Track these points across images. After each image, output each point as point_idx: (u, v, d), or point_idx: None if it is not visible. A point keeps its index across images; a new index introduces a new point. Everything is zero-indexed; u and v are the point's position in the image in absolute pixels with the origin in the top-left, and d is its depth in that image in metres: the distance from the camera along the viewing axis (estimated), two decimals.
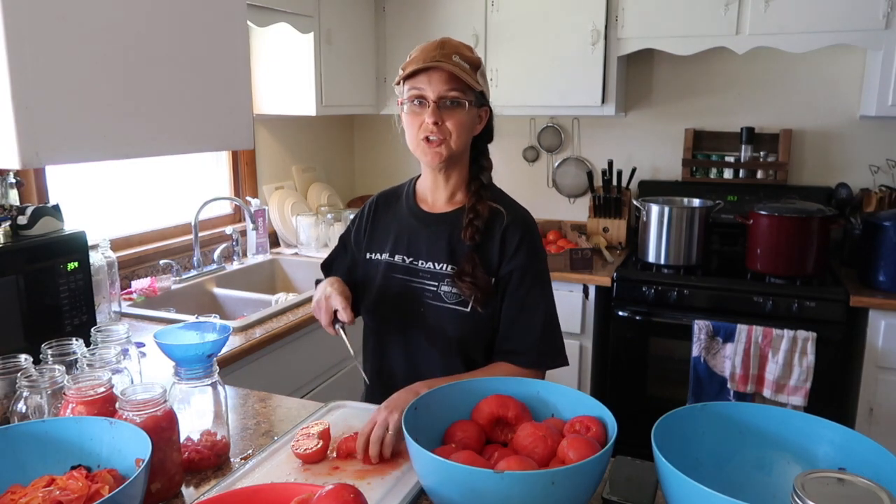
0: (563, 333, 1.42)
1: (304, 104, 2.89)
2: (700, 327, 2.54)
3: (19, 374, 1.13)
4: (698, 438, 1.01)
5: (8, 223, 1.60)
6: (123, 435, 0.99)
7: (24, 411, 1.11)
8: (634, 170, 3.19)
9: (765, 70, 3.05)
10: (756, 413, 1.02)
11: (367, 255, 1.48)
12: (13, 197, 1.77)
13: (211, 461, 1.19)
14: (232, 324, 2.03)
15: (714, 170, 3.13)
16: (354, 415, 1.35)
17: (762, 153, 3.05)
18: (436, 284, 1.38)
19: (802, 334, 2.44)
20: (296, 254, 3.01)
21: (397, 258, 1.43)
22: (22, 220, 1.63)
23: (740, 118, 3.10)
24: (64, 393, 1.08)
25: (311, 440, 1.17)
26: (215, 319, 1.46)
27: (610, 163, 3.19)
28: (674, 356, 2.71)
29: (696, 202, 2.90)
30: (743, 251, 2.79)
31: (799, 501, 0.72)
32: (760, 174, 3.05)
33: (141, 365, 1.38)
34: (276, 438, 1.26)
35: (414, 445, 0.94)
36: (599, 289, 2.82)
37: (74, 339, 1.26)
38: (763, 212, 2.63)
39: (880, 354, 2.46)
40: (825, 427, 0.97)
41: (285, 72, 2.89)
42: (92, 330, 1.31)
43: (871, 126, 2.93)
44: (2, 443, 0.98)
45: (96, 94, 1.37)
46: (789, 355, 2.45)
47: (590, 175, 3.24)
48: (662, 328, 2.70)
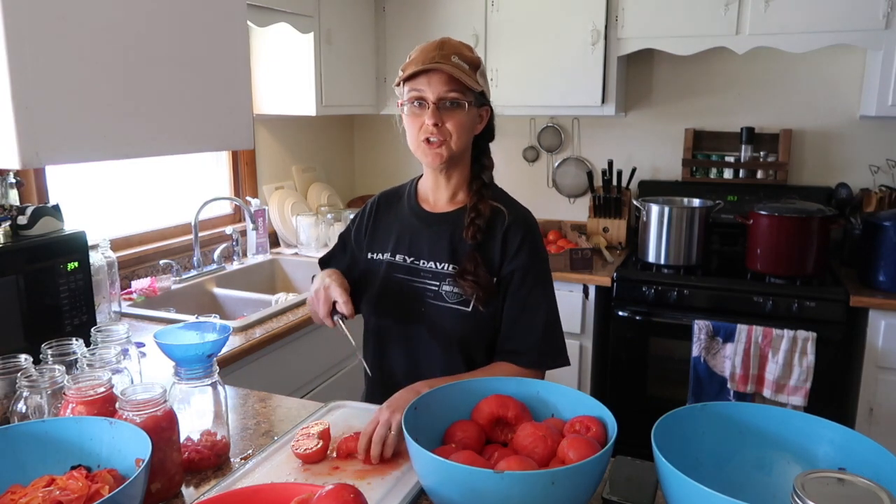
0: (564, 333, 1.42)
1: (304, 104, 2.90)
2: (700, 327, 2.54)
3: (19, 374, 1.13)
4: (698, 438, 1.01)
5: (8, 223, 1.60)
6: (123, 435, 0.99)
7: (24, 411, 1.11)
8: (634, 170, 3.19)
9: (765, 70, 3.05)
10: (756, 413, 1.02)
11: (369, 255, 1.48)
12: (13, 197, 1.77)
13: (211, 461, 1.19)
14: (232, 324, 2.03)
15: (714, 170, 3.13)
16: (354, 415, 1.35)
17: (762, 153, 3.04)
18: (437, 284, 1.38)
19: (802, 334, 2.44)
20: (296, 254, 3.01)
21: (399, 258, 1.43)
22: (22, 220, 1.63)
23: (740, 118, 3.10)
24: (64, 393, 1.08)
25: (311, 440, 1.17)
26: (215, 319, 1.46)
27: (610, 163, 3.19)
28: (674, 356, 2.71)
29: (696, 202, 2.90)
30: (743, 251, 2.79)
31: (799, 501, 0.72)
32: (760, 174, 3.05)
33: (141, 365, 1.38)
34: (276, 438, 1.26)
35: (414, 445, 0.94)
36: (599, 289, 2.82)
37: (74, 339, 1.26)
38: (763, 212, 2.63)
39: (880, 354, 2.46)
40: (825, 427, 0.97)
41: (285, 72, 2.89)
42: (92, 330, 1.31)
43: (871, 126, 2.93)
44: (2, 443, 0.98)
45: (96, 94, 1.37)
46: (789, 355, 2.45)
47: (590, 175, 3.24)
48: (662, 328, 2.70)
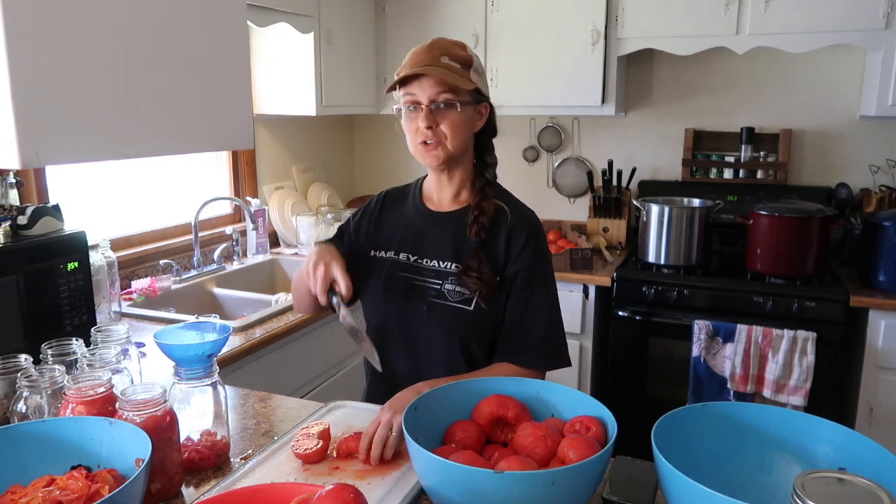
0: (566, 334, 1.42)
1: (304, 104, 2.90)
2: (700, 327, 2.54)
3: (19, 374, 1.13)
4: (698, 438, 1.01)
5: (8, 223, 1.60)
6: (123, 435, 0.99)
7: (24, 411, 1.11)
8: (634, 170, 3.19)
9: (765, 70, 3.05)
10: (756, 413, 1.02)
11: (372, 252, 1.47)
12: (13, 197, 1.77)
13: (211, 461, 1.19)
14: (232, 324, 2.03)
15: (714, 170, 3.13)
16: (354, 415, 1.35)
17: (762, 153, 3.04)
18: (440, 283, 1.38)
19: (802, 334, 2.44)
20: (296, 254, 3.01)
21: (402, 256, 1.43)
22: (22, 220, 1.63)
23: (740, 118, 3.10)
24: (64, 393, 1.08)
25: (311, 440, 1.17)
26: (215, 319, 1.46)
27: (610, 163, 3.19)
28: (674, 356, 2.71)
29: (696, 202, 2.90)
30: (743, 251, 2.78)
31: (799, 501, 0.72)
32: (760, 174, 3.05)
33: (141, 365, 1.38)
34: (276, 438, 1.26)
35: (414, 445, 0.94)
36: (599, 289, 2.82)
37: (74, 339, 1.26)
38: (763, 212, 2.63)
39: (880, 354, 2.46)
40: (825, 427, 0.97)
41: (285, 72, 2.89)
42: (92, 330, 1.31)
43: (871, 126, 2.93)
44: (2, 443, 0.98)
45: (96, 94, 1.37)
46: (789, 355, 2.45)
47: (590, 175, 3.24)
48: (662, 328, 2.70)
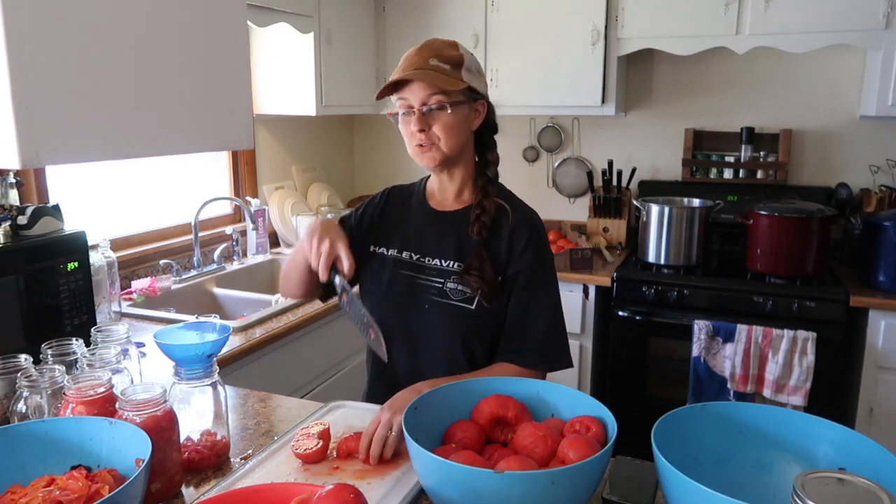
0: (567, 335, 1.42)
1: (304, 104, 2.90)
2: (700, 327, 2.54)
3: (19, 374, 1.13)
4: (698, 438, 1.01)
5: (8, 223, 1.60)
6: (123, 435, 0.99)
7: (24, 411, 1.11)
8: (634, 170, 3.19)
9: (765, 70, 3.05)
10: (756, 413, 1.02)
11: (372, 248, 1.47)
12: (13, 197, 1.77)
13: (211, 461, 1.19)
14: (232, 324, 2.03)
15: (714, 170, 3.13)
16: (354, 415, 1.35)
17: (762, 153, 3.04)
18: (441, 281, 1.38)
19: (802, 334, 2.44)
20: None
21: (405, 254, 1.43)
22: (22, 220, 1.63)
23: (740, 118, 3.10)
24: (64, 393, 1.08)
25: (311, 440, 1.17)
26: (215, 319, 1.46)
27: (610, 163, 3.19)
28: (674, 356, 2.71)
29: (696, 202, 2.90)
30: (743, 251, 2.78)
31: (799, 501, 0.72)
32: (760, 174, 3.05)
33: (141, 365, 1.38)
34: (276, 438, 1.26)
35: (414, 445, 0.94)
36: (599, 289, 2.82)
37: (74, 339, 1.26)
38: (763, 212, 2.63)
39: (880, 354, 2.46)
40: (825, 427, 0.97)
41: (285, 72, 2.89)
42: (92, 330, 1.31)
43: (871, 126, 2.93)
44: (2, 443, 0.98)
45: (96, 94, 1.37)
46: (789, 355, 2.45)
47: (590, 175, 3.24)
48: (662, 328, 2.70)
